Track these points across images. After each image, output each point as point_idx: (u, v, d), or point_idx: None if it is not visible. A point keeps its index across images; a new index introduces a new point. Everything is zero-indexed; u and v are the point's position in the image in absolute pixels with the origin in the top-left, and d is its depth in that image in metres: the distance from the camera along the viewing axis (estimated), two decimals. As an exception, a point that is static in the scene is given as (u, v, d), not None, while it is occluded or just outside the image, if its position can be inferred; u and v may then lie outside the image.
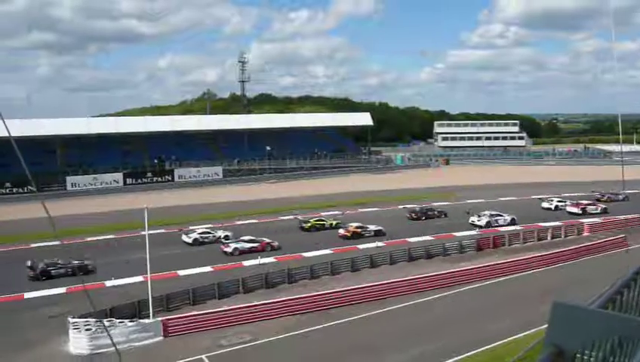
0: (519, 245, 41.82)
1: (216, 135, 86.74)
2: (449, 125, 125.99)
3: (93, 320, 24.41)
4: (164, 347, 25.01)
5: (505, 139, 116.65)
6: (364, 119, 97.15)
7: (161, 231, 43.72)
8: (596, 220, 47.72)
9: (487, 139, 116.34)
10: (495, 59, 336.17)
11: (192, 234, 42.38)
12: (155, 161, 78.64)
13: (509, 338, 24.06)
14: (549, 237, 43.65)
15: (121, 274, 33.55)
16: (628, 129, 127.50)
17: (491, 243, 41.16)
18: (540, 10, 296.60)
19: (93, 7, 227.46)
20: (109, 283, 32.28)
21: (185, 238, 42.18)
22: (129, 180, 72.81)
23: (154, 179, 74.52)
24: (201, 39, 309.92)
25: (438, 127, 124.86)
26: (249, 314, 27.50)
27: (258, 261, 36.74)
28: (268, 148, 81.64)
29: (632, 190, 55.70)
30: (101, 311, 24.62)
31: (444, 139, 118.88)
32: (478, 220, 47.25)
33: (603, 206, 52.59)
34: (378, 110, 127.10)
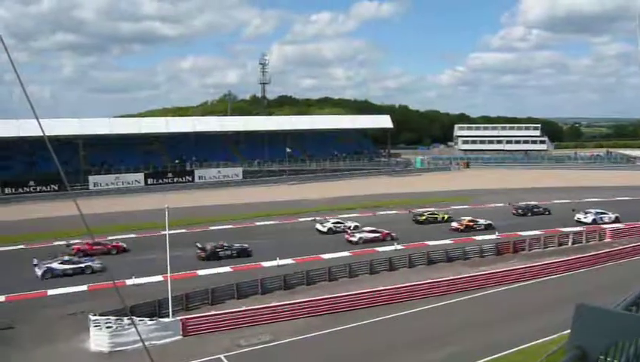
0: (540, 250, 41.40)
1: (237, 136, 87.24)
2: (469, 128, 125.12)
3: (113, 317, 24.75)
4: (182, 346, 25.19)
5: (526, 142, 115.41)
6: (383, 122, 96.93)
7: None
8: (619, 225, 47.06)
9: (508, 142, 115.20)
10: (517, 62, 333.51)
11: (327, 223, 46.56)
12: (176, 162, 79.34)
13: (528, 344, 23.88)
14: (569, 243, 43.15)
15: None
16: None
17: (511, 248, 40.80)
18: (563, 13, 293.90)
19: (116, 9, 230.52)
20: (129, 282, 32.65)
21: (319, 227, 46.41)
22: (150, 180, 73.54)
23: (174, 179, 75.14)
24: (223, 41, 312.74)
25: (458, 130, 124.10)
26: (268, 314, 27.59)
27: (277, 263, 36.89)
28: (288, 149, 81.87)
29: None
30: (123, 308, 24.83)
31: (464, 142, 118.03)
32: (584, 217, 49.20)
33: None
34: (398, 113, 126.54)
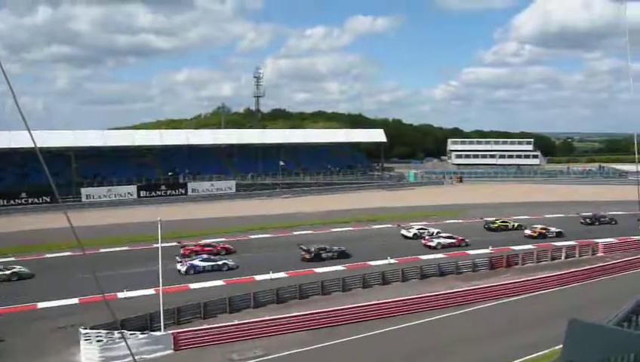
0: (533, 264, 41.45)
1: (230, 149, 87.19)
2: (463, 143, 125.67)
3: (104, 331, 24.53)
4: (174, 360, 24.97)
5: (519, 157, 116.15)
6: (377, 136, 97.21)
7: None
8: (611, 240, 47.25)
9: (501, 157, 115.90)
10: (510, 77, 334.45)
11: (412, 229, 49.67)
12: (170, 175, 79.16)
13: (520, 359, 23.82)
14: (562, 257, 43.23)
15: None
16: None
17: (504, 262, 40.80)
18: (555, 29, 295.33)
19: (112, 21, 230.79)
20: (121, 295, 32.41)
21: (405, 232, 49.57)
22: (143, 193, 73.26)
23: (167, 192, 74.92)
24: (217, 54, 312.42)
25: (451, 145, 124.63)
26: (260, 328, 27.40)
27: (269, 276, 36.77)
28: (281, 163, 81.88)
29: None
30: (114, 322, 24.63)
31: (457, 156, 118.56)
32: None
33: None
34: (392, 126, 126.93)
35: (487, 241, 46.71)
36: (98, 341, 24.53)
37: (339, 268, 39.65)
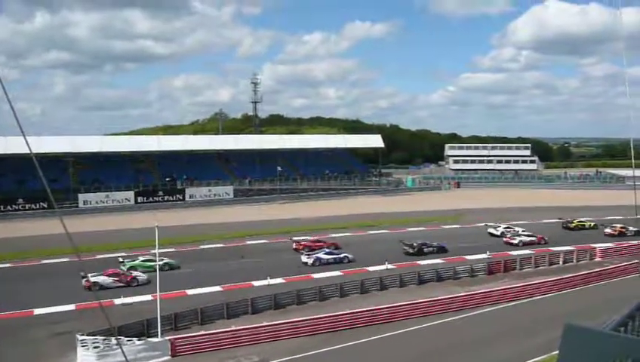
0: (531, 269, 41.41)
1: (228, 155, 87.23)
2: (460, 148, 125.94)
3: (101, 337, 24.40)
4: (171, 366, 24.84)
5: (516, 162, 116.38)
6: (375, 141, 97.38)
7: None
8: (609, 245, 47.24)
9: (499, 162, 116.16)
10: (507, 82, 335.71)
11: (499, 228, 52.60)
12: (167, 180, 79.10)
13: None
14: (560, 262, 43.21)
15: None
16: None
17: (502, 268, 40.74)
18: (552, 35, 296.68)
19: (110, 27, 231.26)
20: (118, 301, 32.28)
21: (492, 231, 52.50)
22: (140, 199, 73.18)
23: (165, 197, 74.83)
24: (215, 60, 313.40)
25: (449, 150, 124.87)
26: (258, 334, 27.29)
27: (267, 281, 36.61)
28: (279, 168, 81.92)
29: None
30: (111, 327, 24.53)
31: (455, 161, 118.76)
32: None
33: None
34: (389, 132, 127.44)
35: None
36: (95, 347, 24.41)
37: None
